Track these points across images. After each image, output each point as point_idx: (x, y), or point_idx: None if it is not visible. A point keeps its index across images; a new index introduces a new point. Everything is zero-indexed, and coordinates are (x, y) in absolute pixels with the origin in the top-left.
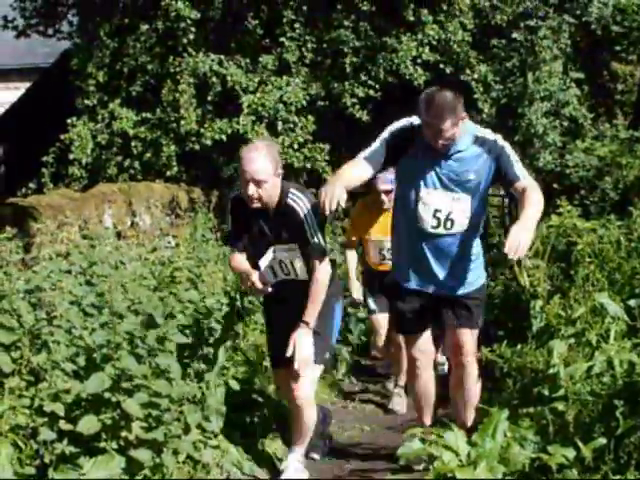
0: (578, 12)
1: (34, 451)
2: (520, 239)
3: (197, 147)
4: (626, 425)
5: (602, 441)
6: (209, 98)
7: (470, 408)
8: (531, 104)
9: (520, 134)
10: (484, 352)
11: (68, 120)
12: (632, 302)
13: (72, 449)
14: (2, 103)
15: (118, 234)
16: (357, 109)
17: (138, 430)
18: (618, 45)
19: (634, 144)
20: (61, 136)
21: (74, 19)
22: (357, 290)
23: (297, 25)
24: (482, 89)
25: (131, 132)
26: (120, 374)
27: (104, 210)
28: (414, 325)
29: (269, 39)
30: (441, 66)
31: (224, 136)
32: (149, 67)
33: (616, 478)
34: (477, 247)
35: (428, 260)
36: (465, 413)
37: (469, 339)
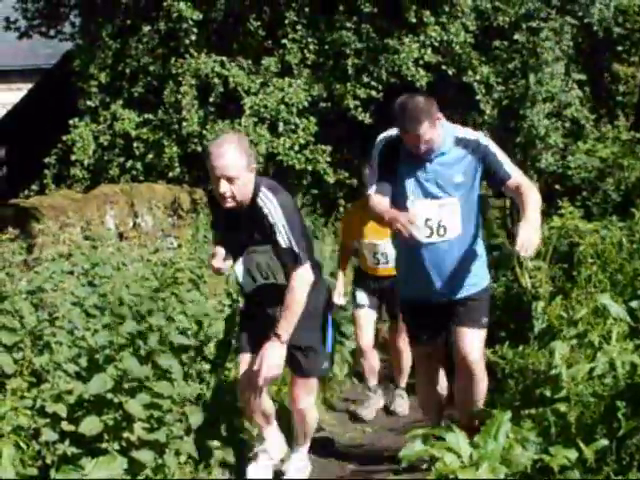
0: (580, 14)
1: (36, 452)
2: (530, 237)
3: (199, 148)
4: (628, 426)
5: (604, 442)
6: (211, 99)
7: (471, 409)
8: (533, 105)
9: (522, 135)
10: (486, 353)
11: (70, 121)
12: (634, 303)
13: (74, 450)
14: (4, 104)
15: (120, 235)
16: (359, 111)
17: (140, 431)
18: (620, 46)
19: (636, 145)
20: (63, 137)
21: (76, 20)
22: (340, 295)
23: (299, 27)
24: (484, 90)
25: (133, 133)
26: (122, 375)
27: (106, 211)
28: (424, 335)
29: (271, 41)
30: (443, 67)
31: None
32: (151, 68)
33: (618, 479)
34: (477, 250)
35: (427, 270)
36: (468, 415)
37: (471, 338)
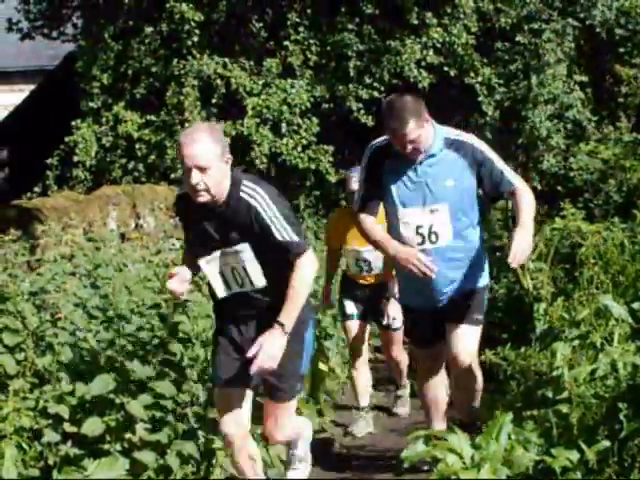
0: (582, 15)
1: (38, 453)
2: (522, 248)
3: None
4: (630, 428)
5: (606, 444)
6: (213, 100)
7: (468, 406)
8: (535, 107)
9: (524, 137)
10: (488, 355)
11: (72, 122)
12: (636, 305)
13: (76, 451)
14: (6, 105)
15: (122, 236)
16: (362, 114)
17: (142, 432)
18: (622, 48)
19: (638, 147)
20: (65, 138)
21: (78, 21)
22: (327, 296)
23: (301, 28)
24: (486, 92)
25: (135, 134)
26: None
27: (108, 212)
28: (425, 339)
29: (273, 42)
30: (445, 69)
31: (228, 138)
32: (153, 69)
33: None
34: (474, 252)
35: (423, 281)
36: (462, 412)
37: (463, 334)
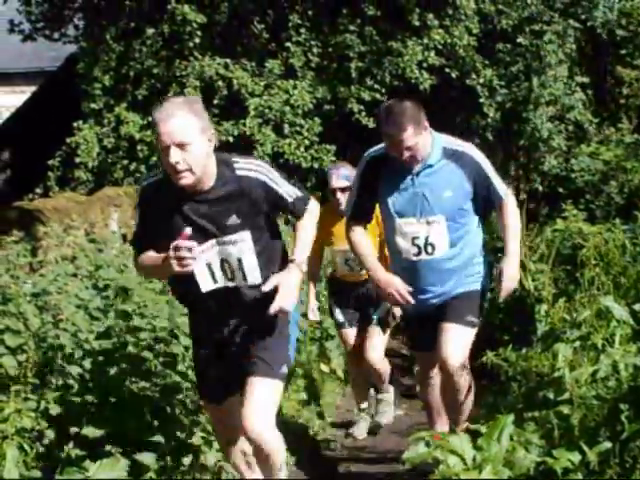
0: (583, 17)
1: (40, 454)
2: (513, 281)
3: None
4: (631, 429)
5: (607, 445)
6: (215, 102)
7: (457, 417)
8: (536, 108)
9: (525, 138)
10: (489, 356)
11: (74, 124)
12: (637, 306)
13: (77, 452)
14: (8, 107)
15: (124, 237)
16: (363, 116)
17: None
18: (623, 49)
19: (639, 148)
20: (67, 140)
21: (80, 23)
22: (313, 311)
23: (303, 29)
24: (487, 93)
25: (137, 136)
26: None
27: (110, 214)
28: (425, 342)
29: (275, 43)
30: (447, 70)
31: (230, 138)
32: (155, 71)
33: None
34: (470, 260)
35: (419, 284)
36: (450, 416)
37: (454, 335)
